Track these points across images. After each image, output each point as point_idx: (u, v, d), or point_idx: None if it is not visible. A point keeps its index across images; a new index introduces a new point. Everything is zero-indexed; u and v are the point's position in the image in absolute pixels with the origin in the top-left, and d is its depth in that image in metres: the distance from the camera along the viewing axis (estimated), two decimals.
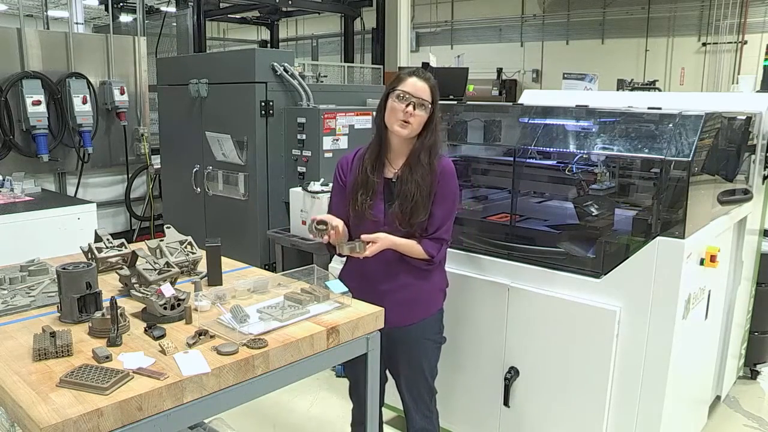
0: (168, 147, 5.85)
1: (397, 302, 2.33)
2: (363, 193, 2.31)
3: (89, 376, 1.51)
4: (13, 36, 5.39)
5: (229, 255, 2.56)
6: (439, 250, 2.33)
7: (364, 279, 2.36)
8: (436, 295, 2.49)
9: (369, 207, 2.29)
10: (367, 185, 2.32)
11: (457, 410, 2.97)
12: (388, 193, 2.33)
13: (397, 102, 2.25)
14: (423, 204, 2.27)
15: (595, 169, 2.88)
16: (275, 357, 1.76)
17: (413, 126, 2.26)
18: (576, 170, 2.97)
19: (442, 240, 2.35)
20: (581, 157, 2.94)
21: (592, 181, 2.87)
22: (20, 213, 4.10)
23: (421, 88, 2.26)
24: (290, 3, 8.25)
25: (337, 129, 4.72)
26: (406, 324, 2.38)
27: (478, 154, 3.44)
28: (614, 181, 2.83)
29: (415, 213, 2.27)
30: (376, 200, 2.32)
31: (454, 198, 2.37)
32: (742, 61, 13.32)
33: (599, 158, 2.86)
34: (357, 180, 2.34)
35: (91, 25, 11.22)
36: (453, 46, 17.25)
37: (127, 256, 2.35)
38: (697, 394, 3.18)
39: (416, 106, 2.24)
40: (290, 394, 3.64)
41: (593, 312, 2.52)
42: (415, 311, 2.40)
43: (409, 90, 2.25)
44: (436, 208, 2.30)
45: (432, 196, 2.29)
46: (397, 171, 2.33)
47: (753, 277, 3.72)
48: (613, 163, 2.83)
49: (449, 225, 2.36)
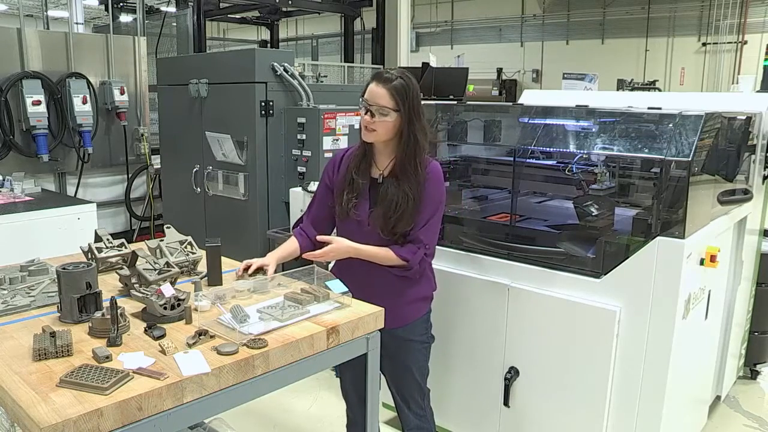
0: (168, 147, 5.85)
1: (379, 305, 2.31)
2: (348, 192, 2.30)
3: (89, 376, 1.51)
4: (13, 36, 5.39)
5: (229, 255, 2.55)
6: (414, 253, 2.25)
7: (348, 282, 2.30)
8: (418, 304, 2.43)
9: (353, 206, 2.28)
10: (352, 186, 2.30)
11: (456, 410, 2.97)
12: (373, 194, 2.31)
13: (363, 111, 2.23)
14: (408, 213, 2.22)
15: (595, 169, 2.88)
16: (275, 357, 1.76)
17: (379, 132, 2.21)
18: (576, 170, 2.97)
19: (419, 242, 2.26)
20: (581, 157, 2.94)
21: (592, 181, 2.87)
22: (20, 213, 4.10)
23: (379, 93, 2.18)
24: (290, 3, 8.24)
25: (337, 129, 4.72)
26: (391, 327, 2.31)
27: (478, 154, 3.44)
28: (614, 181, 2.83)
29: (400, 222, 2.23)
30: (361, 200, 2.30)
31: (438, 202, 2.30)
32: (742, 61, 13.34)
33: (599, 158, 2.86)
34: (344, 179, 2.34)
35: (91, 25, 11.20)
36: (453, 46, 17.27)
37: (127, 256, 2.35)
38: (697, 394, 3.18)
39: (375, 113, 2.19)
40: (290, 394, 3.64)
41: (593, 312, 2.52)
42: (397, 317, 2.32)
43: (367, 97, 2.21)
44: (419, 212, 2.25)
45: (418, 201, 2.23)
46: (382, 171, 2.31)
47: (753, 277, 3.72)
48: (613, 163, 2.83)
49: (430, 228, 2.28)
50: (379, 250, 2.25)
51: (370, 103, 2.20)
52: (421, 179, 2.24)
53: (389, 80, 2.19)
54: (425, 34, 17.46)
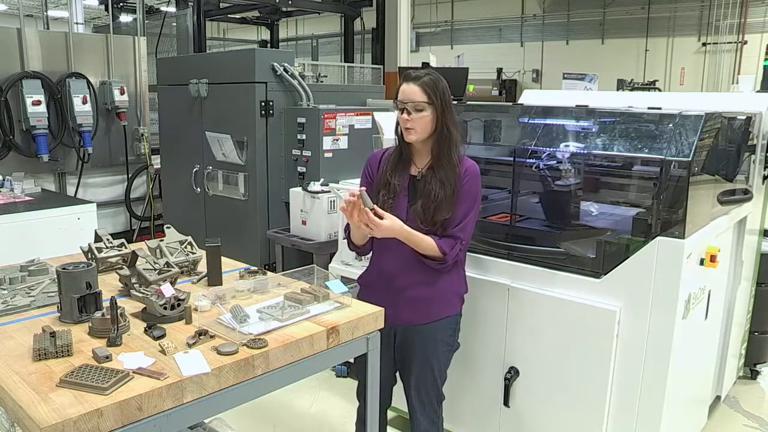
0: (168, 147, 5.85)
1: (412, 300, 2.35)
2: (385, 193, 2.34)
3: (89, 376, 1.51)
4: (13, 36, 5.39)
5: (229, 255, 2.56)
6: (452, 248, 2.30)
7: (382, 275, 2.39)
8: (453, 299, 2.47)
9: (389, 206, 2.30)
10: (388, 186, 2.34)
11: (456, 410, 2.97)
12: (412, 191, 2.35)
13: (399, 112, 2.28)
14: (447, 202, 2.27)
15: (560, 165, 2.89)
16: (275, 357, 1.76)
17: (417, 130, 2.27)
18: (542, 167, 2.97)
19: (458, 238, 2.32)
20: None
21: (557, 178, 2.88)
22: (20, 213, 4.10)
23: (411, 90, 2.25)
24: (290, 3, 8.25)
25: (337, 129, 4.72)
26: (420, 323, 2.39)
27: (478, 154, 3.43)
28: (579, 177, 2.84)
29: (438, 211, 2.27)
30: (398, 199, 2.34)
31: (475, 199, 2.36)
32: (742, 61, 13.33)
33: (563, 155, 2.87)
34: (380, 179, 2.38)
35: (91, 25, 11.21)
36: (453, 46, 17.26)
37: (127, 256, 2.35)
38: (697, 394, 3.18)
39: (411, 111, 2.24)
40: (290, 394, 3.64)
41: (593, 312, 2.52)
42: (429, 311, 2.39)
43: (401, 97, 2.27)
44: (456, 206, 2.30)
45: (455, 194, 2.28)
46: (422, 169, 2.35)
47: (753, 277, 3.72)
48: (613, 163, 2.83)
49: (467, 225, 2.34)
50: (423, 237, 2.28)
51: (405, 102, 2.25)
52: (457, 171, 2.29)
53: (418, 77, 2.26)
54: (425, 34, 17.45)
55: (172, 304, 1.91)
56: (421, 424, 2.52)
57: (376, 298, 2.21)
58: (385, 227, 2.18)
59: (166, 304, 1.90)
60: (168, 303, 1.91)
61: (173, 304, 1.92)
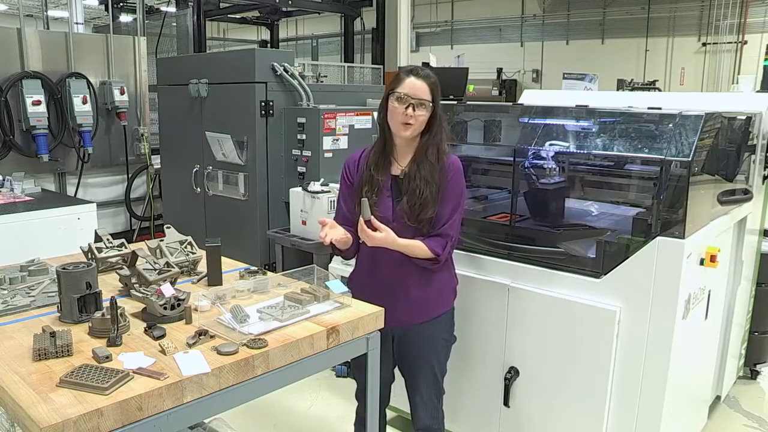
0: (168, 147, 5.85)
1: (409, 301, 2.35)
2: (368, 190, 2.32)
3: (89, 376, 1.51)
4: (13, 36, 5.39)
5: (229, 255, 2.56)
6: (444, 247, 2.31)
7: (376, 278, 2.38)
8: (447, 294, 2.49)
9: (374, 204, 2.29)
10: (372, 183, 2.32)
11: (456, 410, 2.97)
12: (395, 189, 2.33)
13: (397, 104, 2.24)
14: (432, 199, 2.27)
15: (545, 163, 2.89)
16: (275, 357, 1.76)
17: (415, 126, 2.26)
18: (528, 165, 2.98)
19: (447, 236, 2.32)
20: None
21: (542, 176, 2.88)
22: (20, 213, 4.10)
23: (420, 87, 2.24)
24: (290, 3, 8.25)
25: (337, 129, 4.72)
26: (418, 322, 2.39)
27: (478, 154, 3.44)
28: (564, 176, 2.84)
29: (424, 209, 2.26)
30: (383, 197, 2.32)
31: (461, 195, 2.36)
32: (742, 61, 13.34)
33: (548, 153, 2.87)
34: (362, 178, 2.36)
35: (91, 25, 11.21)
36: (453, 46, 17.26)
37: (127, 256, 2.35)
38: (697, 394, 3.18)
39: (416, 107, 2.23)
40: (290, 394, 3.64)
41: (593, 312, 2.52)
42: (426, 310, 2.40)
43: (408, 91, 2.24)
44: (442, 204, 2.30)
45: (440, 191, 2.28)
46: (405, 168, 2.33)
47: (753, 277, 3.71)
48: (613, 163, 2.83)
49: (455, 222, 2.34)
50: (413, 244, 2.28)
51: (413, 98, 2.23)
52: (442, 167, 2.29)
53: (427, 76, 2.27)
54: (425, 34, 17.46)
55: (172, 304, 1.91)
56: (423, 419, 2.53)
57: (370, 301, 2.20)
58: (379, 239, 2.19)
59: (166, 304, 1.90)
60: (168, 303, 1.91)
61: (173, 304, 1.92)
